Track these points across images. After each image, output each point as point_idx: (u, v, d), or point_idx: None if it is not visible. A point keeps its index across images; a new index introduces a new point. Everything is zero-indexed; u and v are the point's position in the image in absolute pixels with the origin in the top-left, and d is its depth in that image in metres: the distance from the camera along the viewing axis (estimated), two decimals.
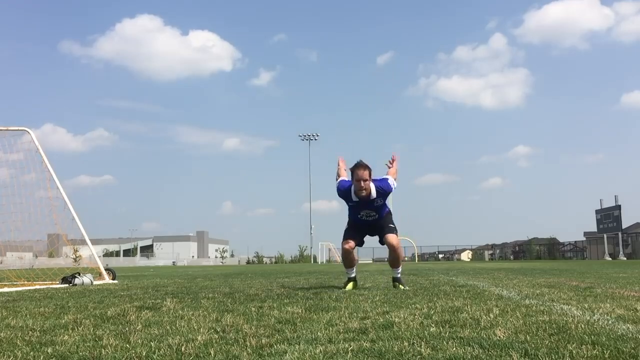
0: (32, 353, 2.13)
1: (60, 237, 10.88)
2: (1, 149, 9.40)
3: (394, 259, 5.35)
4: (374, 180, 5.07)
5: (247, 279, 8.63)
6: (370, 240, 5.54)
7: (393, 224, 5.30)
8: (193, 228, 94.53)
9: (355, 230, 5.34)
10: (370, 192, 5.03)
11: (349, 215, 5.37)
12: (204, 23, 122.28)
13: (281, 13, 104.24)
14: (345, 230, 5.40)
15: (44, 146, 9.39)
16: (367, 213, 5.19)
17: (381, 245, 5.40)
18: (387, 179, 5.19)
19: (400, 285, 5.34)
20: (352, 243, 5.24)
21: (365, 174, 4.97)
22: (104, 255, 60.44)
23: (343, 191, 5.22)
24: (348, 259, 5.36)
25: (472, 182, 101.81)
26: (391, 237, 5.18)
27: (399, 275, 5.46)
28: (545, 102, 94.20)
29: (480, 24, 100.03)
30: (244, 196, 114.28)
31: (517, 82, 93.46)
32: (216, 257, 68.39)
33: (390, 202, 5.30)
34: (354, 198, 5.11)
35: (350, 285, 5.41)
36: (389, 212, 5.41)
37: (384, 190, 5.12)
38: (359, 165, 5.03)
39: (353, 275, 5.48)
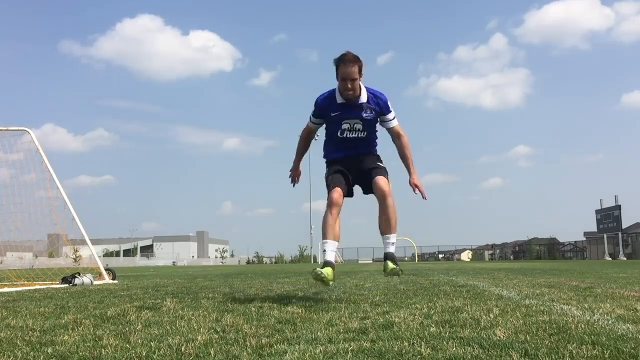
0: (32, 353, 2.13)
1: (60, 237, 10.88)
2: (1, 149, 9.41)
3: (386, 215, 3.77)
4: (367, 88, 3.86)
5: (247, 279, 8.63)
6: (370, 239, 5.06)
7: (384, 166, 3.99)
8: (193, 228, 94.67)
9: (339, 170, 3.94)
10: (359, 95, 3.79)
11: (328, 135, 4.00)
12: (204, 23, 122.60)
13: (281, 13, 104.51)
14: (326, 175, 4.00)
15: (44, 146, 9.40)
16: (353, 124, 3.80)
17: (366, 195, 4.03)
18: (385, 97, 3.87)
19: (391, 264, 3.75)
20: (339, 190, 3.78)
21: (354, 71, 3.68)
22: (104, 255, 60.48)
23: (324, 99, 3.88)
24: (332, 215, 3.73)
25: (472, 182, 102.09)
26: (380, 180, 3.77)
27: (392, 250, 3.84)
28: (546, 102, 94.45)
29: (480, 23, 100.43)
30: (244, 196, 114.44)
31: (517, 82, 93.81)
32: (216, 257, 68.38)
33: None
34: (339, 100, 3.80)
35: (328, 271, 3.63)
36: (378, 155, 4.10)
37: (378, 99, 3.83)
38: (346, 60, 3.70)
39: (332, 258, 3.77)
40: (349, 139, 3.87)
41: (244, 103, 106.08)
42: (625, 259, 37.16)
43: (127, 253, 78.15)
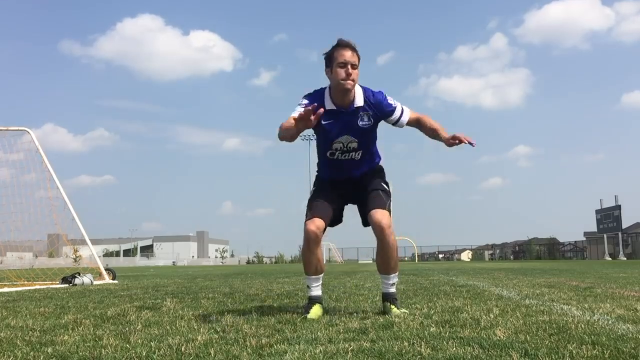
0: (32, 353, 2.13)
1: (60, 237, 10.89)
2: (1, 149, 9.42)
3: (385, 254, 3.18)
4: (362, 87, 3.19)
5: (247, 279, 8.63)
6: (369, 239, 3.89)
7: (386, 188, 3.31)
8: (193, 228, 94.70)
9: (327, 194, 3.29)
10: (353, 99, 3.12)
11: (318, 155, 3.36)
12: (205, 23, 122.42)
13: (282, 13, 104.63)
14: (310, 198, 3.31)
15: (45, 146, 9.43)
16: (346, 143, 3.17)
17: (364, 227, 3.33)
18: (381, 91, 3.21)
19: (394, 307, 3.15)
20: (319, 222, 3.13)
21: (354, 56, 3.08)
22: (104, 255, 60.47)
23: (313, 99, 3.12)
24: (311, 251, 3.18)
25: (472, 182, 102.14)
26: (378, 214, 3.12)
27: (393, 290, 3.27)
28: (546, 102, 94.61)
29: (481, 23, 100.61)
30: (244, 196, 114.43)
31: (517, 82, 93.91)
32: (216, 257, 68.38)
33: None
34: (328, 106, 3.09)
35: (315, 310, 3.11)
36: (380, 167, 3.42)
37: (378, 102, 3.15)
38: (343, 45, 3.09)
39: (318, 293, 3.25)
40: (342, 161, 3.21)
41: (244, 103, 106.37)
42: (625, 259, 37.15)
43: (127, 253, 78.14)
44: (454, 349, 2.02)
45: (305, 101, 3.12)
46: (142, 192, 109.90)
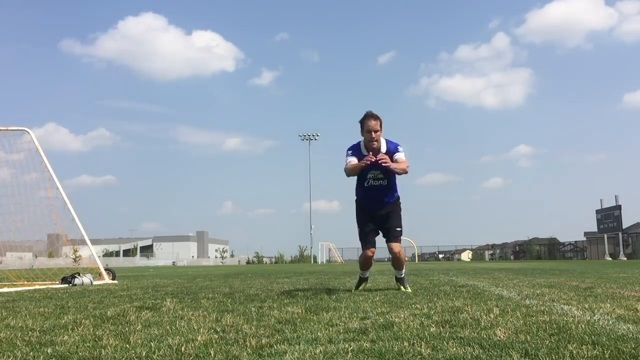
0: (32, 353, 2.13)
1: (60, 237, 10.88)
2: (1, 149, 9.41)
3: (397, 263, 5.24)
4: (386, 139, 4.88)
5: (247, 279, 8.63)
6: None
7: (400, 225, 5.09)
8: (193, 228, 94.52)
9: (368, 221, 5.03)
10: (380, 145, 4.77)
11: (356, 188, 5.09)
12: (207, 23, 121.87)
13: (284, 13, 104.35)
14: (359, 231, 5.09)
15: (47, 146, 9.52)
16: (375, 175, 4.87)
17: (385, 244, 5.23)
18: (398, 144, 4.90)
19: (402, 287, 5.21)
20: (373, 249, 5.09)
21: (377, 124, 4.72)
22: (103, 256, 60.47)
23: (353, 147, 4.90)
24: (367, 264, 5.22)
25: (473, 182, 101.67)
26: (395, 247, 5.04)
27: (402, 276, 5.31)
28: (547, 101, 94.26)
29: (482, 23, 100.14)
30: (244, 196, 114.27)
31: (519, 81, 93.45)
32: (216, 257, 68.37)
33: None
34: (364, 152, 4.78)
35: (363, 286, 5.37)
36: (399, 199, 5.14)
37: (392, 147, 4.84)
38: (369, 116, 4.76)
39: (367, 275, 5.42)
40: (374, 187, 4.96)
41: (245, 103, 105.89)
42: (625, 259, 37.15)
43: (127, 253, 78.15)
44: (454, 349, 2.02)
45: (350, 151, 4.87)
46: (142, 192, 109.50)
